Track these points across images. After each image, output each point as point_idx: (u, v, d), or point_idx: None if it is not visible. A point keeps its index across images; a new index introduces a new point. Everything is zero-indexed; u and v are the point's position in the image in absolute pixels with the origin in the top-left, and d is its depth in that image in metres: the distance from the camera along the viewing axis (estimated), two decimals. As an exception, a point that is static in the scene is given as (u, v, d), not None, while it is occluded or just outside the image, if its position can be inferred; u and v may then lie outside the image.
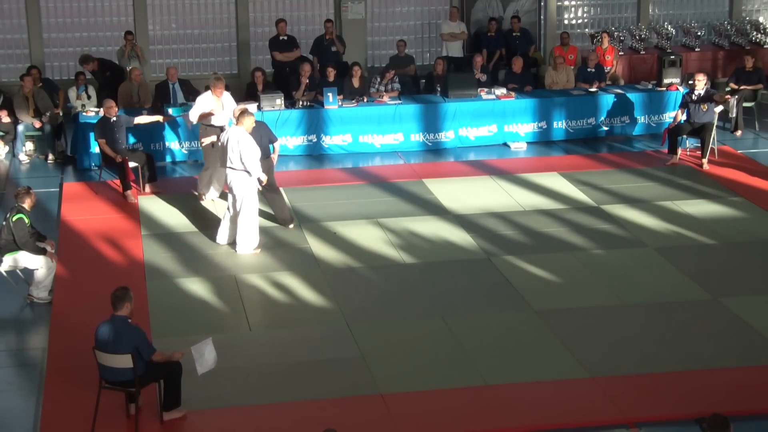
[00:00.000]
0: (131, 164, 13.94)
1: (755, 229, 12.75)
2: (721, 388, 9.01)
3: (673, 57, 16.94)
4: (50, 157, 15.57)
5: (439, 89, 16.59)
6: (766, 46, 19.79)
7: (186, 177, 14.87)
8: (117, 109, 14.07)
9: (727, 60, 19.51)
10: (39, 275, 10.82)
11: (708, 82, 15.32)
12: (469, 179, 14.63)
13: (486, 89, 16.57)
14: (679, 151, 15.30)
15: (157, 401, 8.50)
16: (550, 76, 17.35)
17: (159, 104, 15.71)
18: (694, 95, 15.15)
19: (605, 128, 16.62)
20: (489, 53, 18.72)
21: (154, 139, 15.23)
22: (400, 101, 16.15)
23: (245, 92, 16.52)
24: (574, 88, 16.98)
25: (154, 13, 18.74)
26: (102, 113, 14.22)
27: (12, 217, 10.68)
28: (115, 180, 14.23)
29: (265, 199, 12.65)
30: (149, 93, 16.49)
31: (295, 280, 11.28)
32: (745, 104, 17.07)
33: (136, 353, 8.18)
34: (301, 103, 15.82)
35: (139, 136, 15.08)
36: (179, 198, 13.85)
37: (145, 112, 15.19)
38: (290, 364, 9.48)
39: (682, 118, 15.30)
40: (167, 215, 13.19)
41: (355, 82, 16.40)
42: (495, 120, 16.24)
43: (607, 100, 16.54)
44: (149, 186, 14.02)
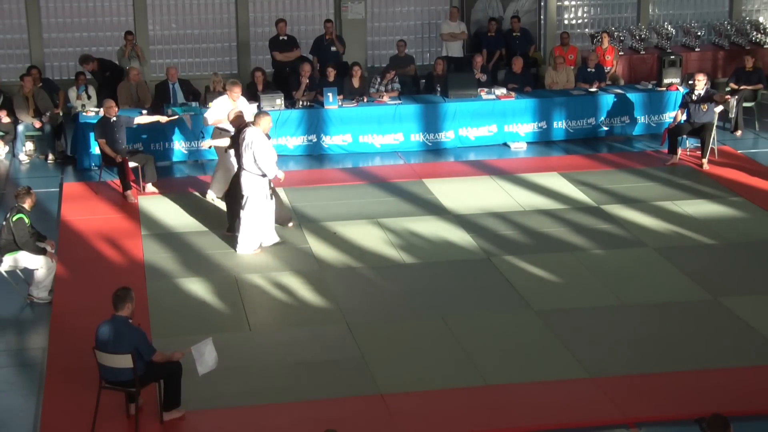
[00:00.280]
0: (131, 164, 13.94)
1: (755, 229, 12.75)
2: (721, 388, 9.01)
3: (673, 57, 16.94)
4: (50, 157, 15.58)
5: (439, 89, 16.59)
6: (766, 46, 19.79)
7: (186, 177, 14.86)
8: (117, 109, 14.07)
9: (727, 60, 19.51)
10: (39, 275, 10.82)
11: (708, 82, 15.32)
12: (469, 179, 14.63)
13: (486, 89, 16.57)
14: (679, 151, 15.30)
15: (157, 401, 8.50)
16: (550, 76, 17.35)
17: (160, 104, 15.69)
18: (694, 95, 15.15)
19: (605, 128, 16.62)
20: (489, 53, 18.72)
21: (154, 139, 15.23)
22: (400, 101, 16.15)
23: (245, 92, 16.48)
24: (574, 88, 16.98)
25: (154, 13, 18.74)
26: (102, 113, 14.22)
27: (12, 217, 10.68)
28: (115, 180, 14.23)
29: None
30: (148, 93, 16.49)
31: (295, 280, 11.28)
32: (745, 104, 17.07)
33: (136, 353, 8.19)
34: (301, 103, 15.82)
35: (139, 136, 15.08)
36: (179, 198, 13.85)
37: (145, 112, 15.21)
38: (290, 364, 9.48)
39: (682, 118, 15.30)
40: (167, 215, 13.20)
41: (355, 82, 16.40)
42: (495, 120, 16.24)
43: (607, 100, 16.54)
44: (149, 186, 14.02)
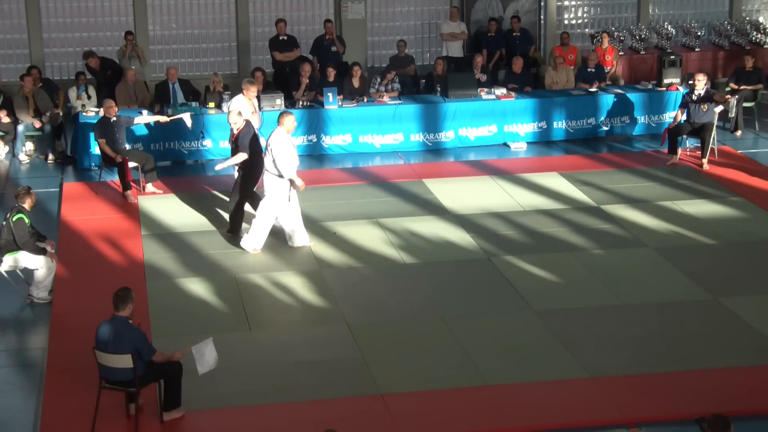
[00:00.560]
0: (131, 164, 13.95)
1: (755, 229, 12.75)
2: (721, 388, 9.01)
3: (673, 57, 16.94)
4: (50, 157, 15.58)
5: (439, 89, 16.59)
6: (766, 46, 19.80)
7: (186, 177, 14.86)
8: (117, 109, 14.08)
9: (727, 60, 19.51)
10: (39, 275, 10.82)
11: (708, 82, 15.32)
12: (469, 179, 14.64)
13: (486, 89, 16.57)
14: (679, 151, 15.30)
15: (157, 401, 8.50)
16: (550, 76, 17.35)
17: (160, 104, 15.68)
18: (694, 95, 15.15)
19: (605, 128, 16.63)
20: (489, 53, 18.73)
21: (154, 139, 15.23)
22: (400, 101, 16.16)
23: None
24: (574, 88, 16.99)
25: (154, 13, 18.75)
26: (102, 113, 14.22)
27: (12, 217, 10.68)
28: (115, 180, 14.23)
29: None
30: (146, 93, 16.49)
31: (295, 280, 11.28)
32: (745, 104, 17.07)
33: (136, 353, 8.19)
34: (301, 103, 15.82)
35: (139, 136, 15.09)
36: (179, 198, 13.86)
37: (145, 112, 15.21)
38: (290, 364, 9.48)
39: (682, 118, 15.30)
40: (167, 215, 13.20)
41: (355, 82, 16.40)
42: (495, 120, 16.25)
43: (607, 100, 16.54)
44: (149, 186, 14.02)
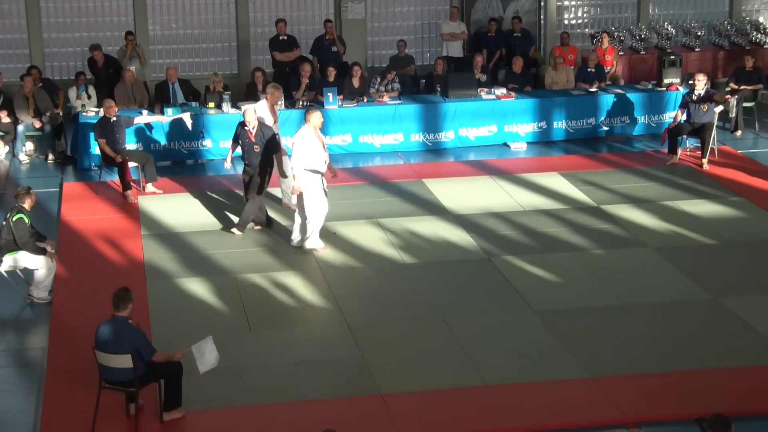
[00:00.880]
0: (131, 164, 13.95)
1: (755, 229, 12.75)
2: (721, 388, 9.01)
3: (673, 57, 16.94)
4: (50, 157, 15.58)
5: (439, 89, 16.59)
6: (766, 46, 19.80)
7: (186, 177, 14.86)
8: (117, 109, 14.08)
9: (727, 60, 19.51)
10: (39, 275, 10.82)
11: (708, 82, 15.32)
12: (469, 179, 14.64)
13: (486, 89, 16.57)
14: (679, 151, 15.30)
15: (157, 401, 8.50)
16: (550, 76, 17.35)
17: (160, 104, 15.67)
18: (694, 95, 15.15)
19: (605, 128, 16.63)
20: (489, 53, 18.72)
21: (154, 139, 15.23)
22: (400, 101, 16.15)
23: (245, 92, 16.52)
24: (574, 88, 16.99)
25: (154, 13, 18.74)
26: (102, 113, 14.22)
27: (12, 217, 10.68)
28: (115, 180, 14.23)
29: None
30: (145, 93, 16.49)
31: (295, 280, 11.28)
32: (745, 104, 17.07)
33: (136, 353, 8.19)
34: (301, 103, 15.81)
35: (140, 136, 15.09)
36: (179, 198, 13.86)
37: (145, 112, 15.21)
38: (290, 364, 9.48)
39: (682, 118, 15.30)
40: (167, 215, 13.20)
41: (355, 82, 16.40)
42: (495, 120, 16.25)
43: (607, 100, 16.54)
44: (149, 186, 14.02)
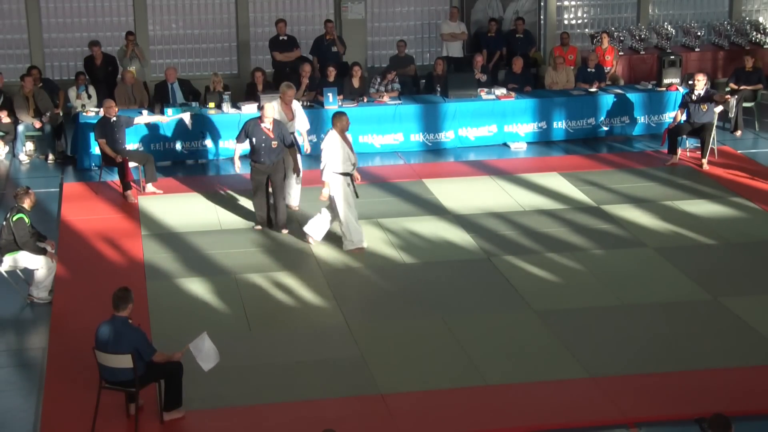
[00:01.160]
0: (131, 164, 13.95)
1: (755, 229, 12.75)
2: (721, 388, 9.01)
3: (673, 57, 16.94)
4: (50, 157, 15.58)
5: (439, 89, 16.59)
6: (766, 46, 19.80)
7: (186, 177, 14.86)
8: (117, 109, 14.08)
9: (727, 60, 19.51)
10: (39, 275, 10.82)
11: (708, 82, 15.32)
12: (469, 179, 14.64)
13: (486, 89, 16.57)
14: (679, 151, 15.31)
15: (157, 401, 8.50)
16: (550, 76, 17.35)
17: (160, 104, 15.66)
18: (694, 95, 15.15)
19: (605, 128, 16.63)
20: (489, 53, 18.73)
21: (154, 139, 15.23)
22: (400, 101, 16.16)
23: (245, 92, 16.52)
24: (574, 88, 16.99)
25: (154, 13, 18.74)
26: (102, 113, 14.22)
27: (12, 217, 10.68)
28: (115, 180, 14.23)
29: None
30: (144, 93, 16.49)
31: (295, 280, 11.28)
32: (745, 104, 17.07)
33: (136, 353, 8.19)
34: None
35: (140, 136, 15.09)
36: (179, 198, 13.86)
37: (145, 112, 15.21)
38: (290, 364, 9.48)
39: (682, 118, 15.30)
40: (167, 215, 13.20)
41: (355, 82, 16.40)
42: (495, 120, 16.25)
43: (607, 100, 16.54)
44: (149, 186, 14.02)
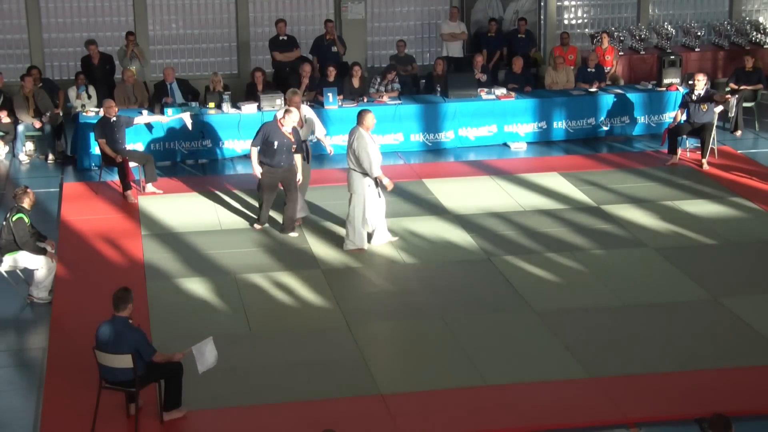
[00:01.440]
0: (131, 164, 13.95)
1: (755, 229, 12.75)
2: (721, 388, 9.01)
3: (673, 57, 16.94)
4: (50, 157, 15.58)
5: (439, 89, 16.59)
6: (766, 46, 19.80)
7: (186, 177, 14.86)
8: (117, 109, 14.08)
9: (727, 60, 19.51)
10: (39, 275, 10.81)
11: (708, 82, 15.32)
12: (469, 179, 14.64)
13: (486, 89, 16.57)
14: (679, 151, 15.31)
15: (157, 401, 8.50)
16: (550, 76, 17.35)
17: (160, 104, 15.66)
18: (694, 95, 15.15)
19: (605, 128, 16.63)
20: (489, 53, 18.73)
21: (154, 139, 15.23)
22: (400, 101, 16.16)
23: (245, 92, 16.52)
24: (574, 88, 16.99)
25: (154, 13, 18.75)
26: (102, 113, 14.22)
27: (12, 217, 10.68)
28: (115, 180, 14.23)
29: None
30: (145, 93, 16.49)
31: (295, 280, 11.28)
32: (745, 104, 17.08)
33: (137, 354, 8.19)
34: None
35: (140, 136, 15.08)
36: (179, 198, 13.86)
37: (145, 112, 15.21)
38: (290, 364, 9.48)
39: (682, 118, 15.30)
40: (167, 215, 13.20)
41: (355, 82, 16.40)
42: (495, 120, 16.25)
43: (607, 100, 16.54)
44: (149, 186, 14.02)
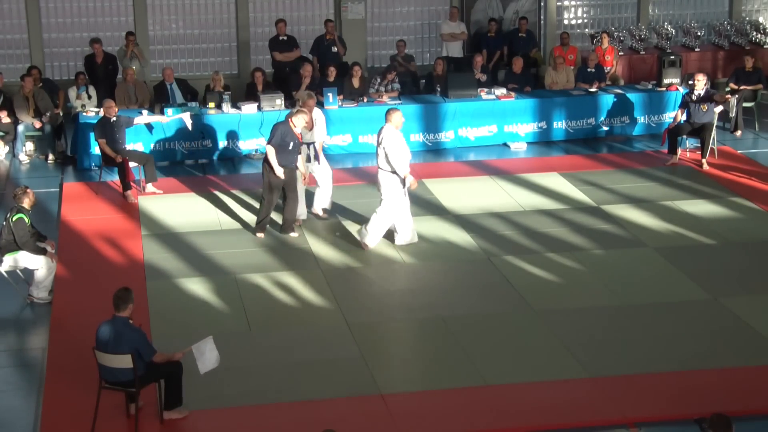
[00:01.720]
0: (131, 164, 13.95)
1: (755, 229, 12.75)
2: (721, 388, 9.01)
3: (673, 57, 16.94)
4: (50, 157, 15.58)
5: (439, 89, 16.60)
6: (766, 46, 19.80)
7: (186, 177, 14.87)
8: (117, 109, 14.08)
9: (727, 60, 19.51)
10: (39, 275, 10.81)
11: (708, 82, 15.32)
12: (469, 179, 14.64)
13: (486, 89, 16.58)
14: (679, 151, 15.31)
15: (157, 401, 8.50)
16: (550, 76, 17.35)
17: (159, 105, 15.65)
18: (694, 95, 15.15)
19: (605, 128, 16.63)
20: (489, 53, 18.73)
21: (154, 139, 15.23)
22: (400, 101, 16.15)
23: (245, 92, 16.52)
24: (574, 88, 16.99)
25: (154, 13, 18.75)
26: (102, 113, 14.23)
27: (12, 217, 10.68)
28: (115, 180, 14.23)
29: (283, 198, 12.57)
30: (146, 93, 16.49)
31: (295, 280, 11.28)
32: (745, 104, 17.08)
33: (137, 354, 8.19)
34: (302, 103, 15.78)
35: (140, 136, 15.09)
36: (179, 198, 13.87)
37: (145, 112, 15.21)
38: (290, 364, 9.48)
39: (682, 118, 15.30)
40: (167, 215, 13.20)
41: (355, 83, 16.40)
42: (495, 120, 16.25)
43: (607, 100, 16.54)
44: (149, 186, 14.02)
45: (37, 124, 15.59)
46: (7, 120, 15.69)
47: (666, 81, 16.73)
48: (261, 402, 8.86)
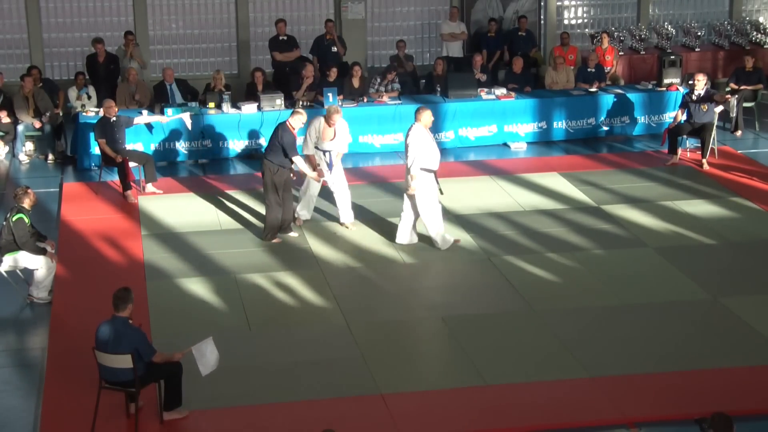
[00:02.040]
0: (131, 164, 13.95)
1: (755, 229, 12.75)
2: (721, 388, 9.01)
3: (673, 57, 16.94)
4: (50, 157, 15.58)
5: (439, 89, 16.59)
6: (766, 46, 19.80)
7: (186, 177, 14.87)
8: (117, 109, 14.08)
9: (727, 60, 19.51)
10: (39, 275, 10.81)
11: (708, 82, 15.32)
12: (469, 179, 14.63)
13: (486, 89, 16.57)
14: (679, 151, 15.31)
15: (157, 401, 8.50)
16: (550, 76, 17.35)
17: (159, 105, 15.64)
18: (694, 95, 15.15)
19: (605, 128, 16.63)
20: (489, 53, 18.73)
21: (154, 139, 15.23)
22: (400, 101, 16.15)
23: (245, 92, 16.52)
24: (574, 88, 16.99)
25: (154, 13, 18.74)
26: (102, 113, 14.22)
27: (12, 217, 10.68)
28: (115, 180, 14.23)
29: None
30: (147, 93, 16.49)
31: (295, 280, 11.28)
32: (745, 104, 17.08)
33: (136, 354, 8.18)
34: (301, 103, 15.80)
35: (140, 136, 15.08)
36: (179, 198, 13.86)
37: (145, 112, 15.20)
38: (290, 364, 9.48)
39: (682, 118, 15.30)
40: (167, 215, 13.20)
41: (356, 83, 16.39)
42: (495, 120, 16.25)
43: (607, 100, 16.54)
44: (149, 186, 14.02)
45: (37, 124, 15.59)
46: (7, 120, 15.69)
47: (666, 81, 16.73)
48: (261, 402, 8.85)
